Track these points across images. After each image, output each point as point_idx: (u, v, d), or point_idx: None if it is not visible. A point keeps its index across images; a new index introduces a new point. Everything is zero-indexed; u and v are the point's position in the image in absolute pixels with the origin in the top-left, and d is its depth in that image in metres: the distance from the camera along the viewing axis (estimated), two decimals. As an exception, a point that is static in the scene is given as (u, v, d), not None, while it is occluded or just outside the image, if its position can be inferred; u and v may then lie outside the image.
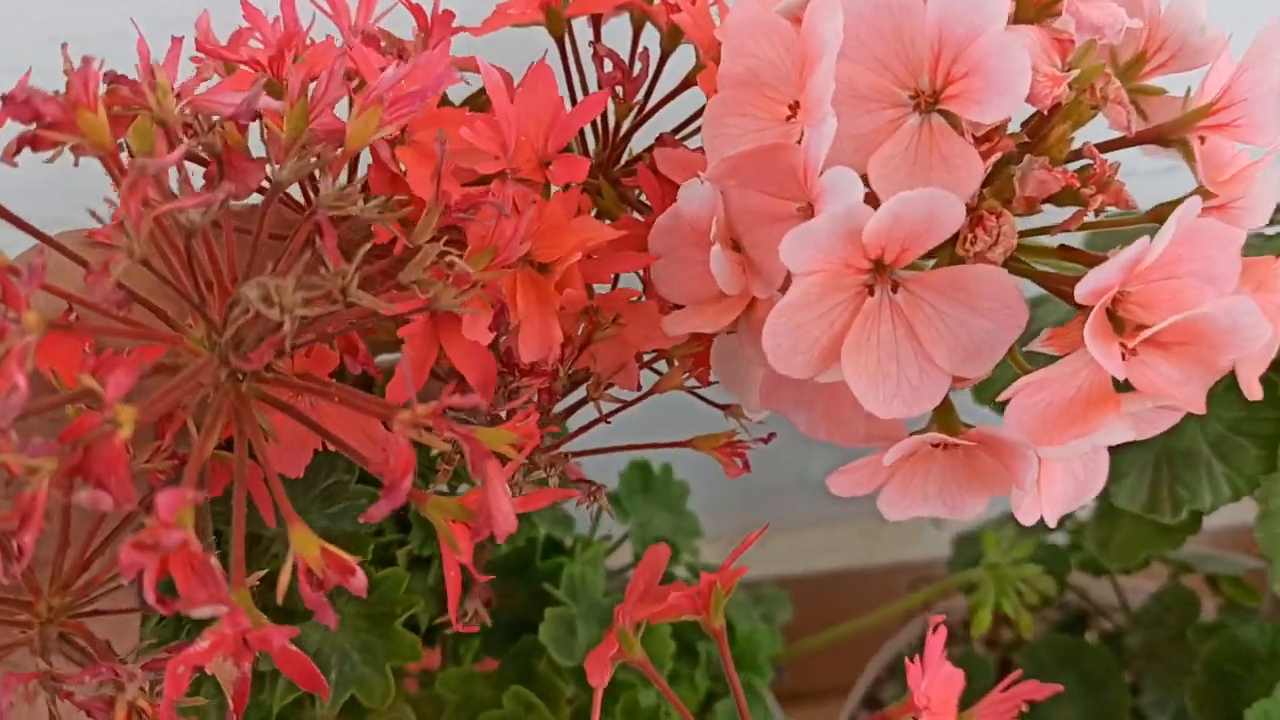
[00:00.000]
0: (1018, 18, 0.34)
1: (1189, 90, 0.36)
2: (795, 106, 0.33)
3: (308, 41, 0.38)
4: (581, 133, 0.41)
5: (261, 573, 0.32)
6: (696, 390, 0.43)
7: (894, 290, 0.32)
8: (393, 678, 0.46)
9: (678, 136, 0.41)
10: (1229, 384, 0.35)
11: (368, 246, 0.30)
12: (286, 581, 0.28)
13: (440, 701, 0.52)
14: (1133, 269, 0.30)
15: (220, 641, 0.28)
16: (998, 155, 0.32)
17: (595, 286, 0.39)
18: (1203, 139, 0.35)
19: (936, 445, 0.35)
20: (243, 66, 0.38)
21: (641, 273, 0.40)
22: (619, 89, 0.40)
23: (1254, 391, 0.34)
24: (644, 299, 0.40)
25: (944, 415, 0.35)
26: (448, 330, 0.35)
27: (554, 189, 0.38)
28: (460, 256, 0.32)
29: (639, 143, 0.41)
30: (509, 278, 0.35)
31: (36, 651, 0.33)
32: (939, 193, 0.29)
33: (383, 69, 0.34)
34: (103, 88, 0.31)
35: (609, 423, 0.42)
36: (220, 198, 0.29)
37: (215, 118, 0.33)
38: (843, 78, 0.32)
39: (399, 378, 0.34)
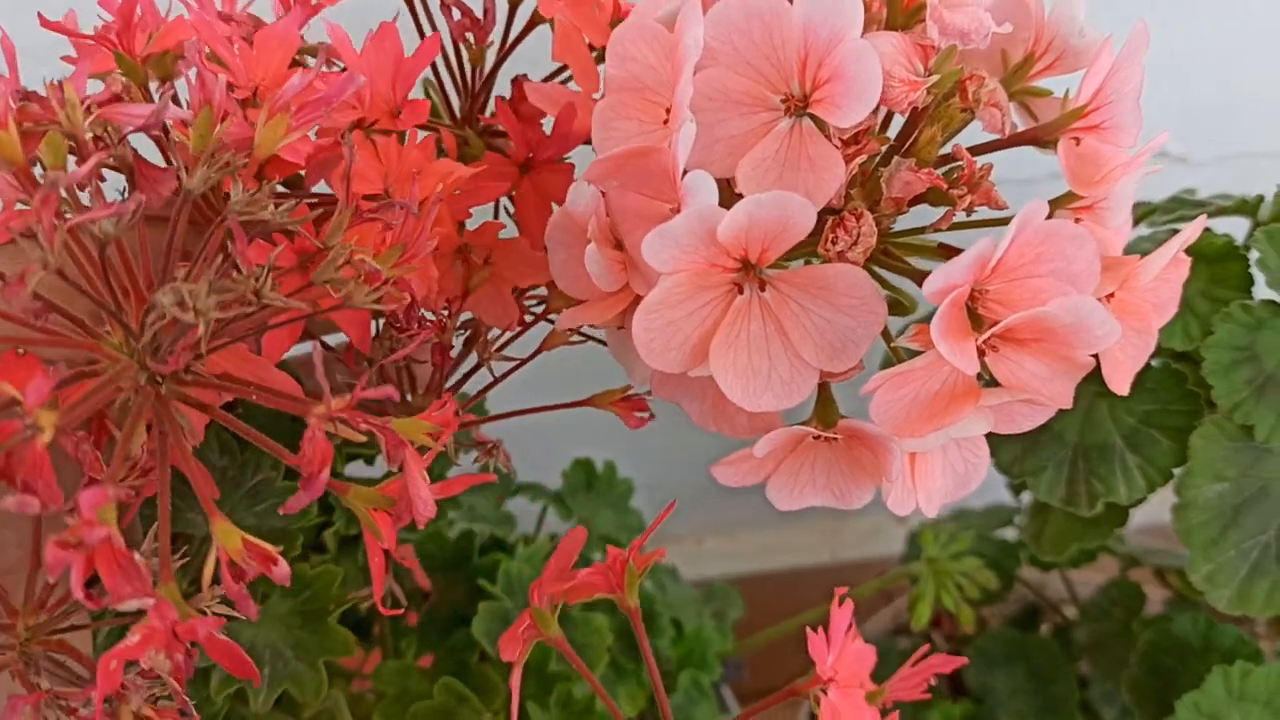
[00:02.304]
0: (889, 23, 0.35)
1: (1067, 92, 0.37)
2: (671, 110, 0.35)
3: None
4: (443, 88, 0.43)
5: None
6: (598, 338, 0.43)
7: (763, 289, 0.33)
8: (325, 672, 0.47)
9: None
10: (1140, 377, 0.36)
11: (279, 250, 0.32)
12: (211, 573, 0.30)
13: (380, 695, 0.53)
14: (982, 267, 0.31)
15: (150, 635, 0.29)
16: (864, 157, 0.34)
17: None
18: (1077, 140, 0.36)
19: (817, 437, 0.36)
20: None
21: (512, 210, 0.42)
22: (470, 36, 0.41)
23: (1120, 386, 0.35)
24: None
25: (823, 408, 0.36)
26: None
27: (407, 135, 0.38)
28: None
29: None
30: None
31: (18, 671, 0.34)
32: (790, 195, 0.30)
33: (229, 39, 0.35)
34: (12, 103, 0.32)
35: (508, 376, 0.43)
36: (132, 208, 0.30)
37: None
38: (716, 82, 0.34)
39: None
